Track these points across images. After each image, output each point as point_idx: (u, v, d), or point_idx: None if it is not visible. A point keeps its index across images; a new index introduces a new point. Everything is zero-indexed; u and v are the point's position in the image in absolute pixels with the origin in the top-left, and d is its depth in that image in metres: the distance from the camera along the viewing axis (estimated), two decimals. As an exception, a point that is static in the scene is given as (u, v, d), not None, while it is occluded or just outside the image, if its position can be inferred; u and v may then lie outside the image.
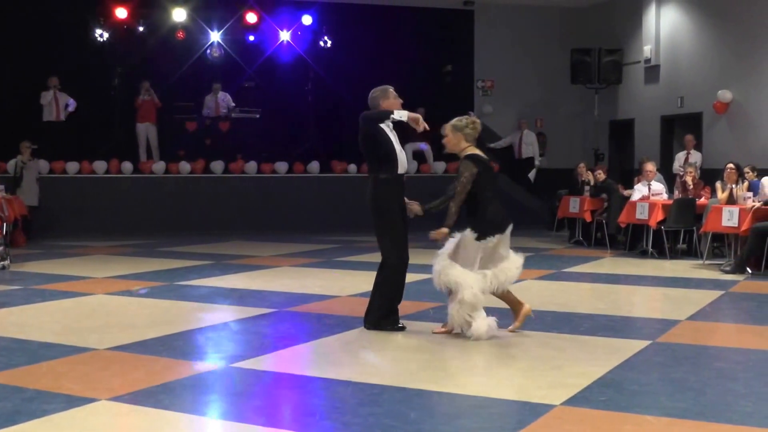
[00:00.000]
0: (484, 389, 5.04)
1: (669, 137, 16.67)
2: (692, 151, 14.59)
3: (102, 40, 16.61)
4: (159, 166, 16.05)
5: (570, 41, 17.96)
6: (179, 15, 16.73)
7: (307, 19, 17.42)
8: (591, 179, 13.74)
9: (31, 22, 16.01)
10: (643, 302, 8.91)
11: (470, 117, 6.64)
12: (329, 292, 8.68)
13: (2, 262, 10.30)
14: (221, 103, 16.97)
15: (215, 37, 17.23)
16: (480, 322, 6.30)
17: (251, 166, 16.38)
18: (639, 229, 12.13)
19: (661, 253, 11.66)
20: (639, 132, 17.44)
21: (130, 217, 15.29)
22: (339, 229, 15.33)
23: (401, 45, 18.00)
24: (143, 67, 16.73)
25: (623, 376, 5.30)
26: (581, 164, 14.57)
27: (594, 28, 18.49)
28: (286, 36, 17.43)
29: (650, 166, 12.35)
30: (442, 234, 6.39)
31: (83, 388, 4.97)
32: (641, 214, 11.68)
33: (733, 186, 10.83)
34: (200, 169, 16.19)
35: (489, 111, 18.48)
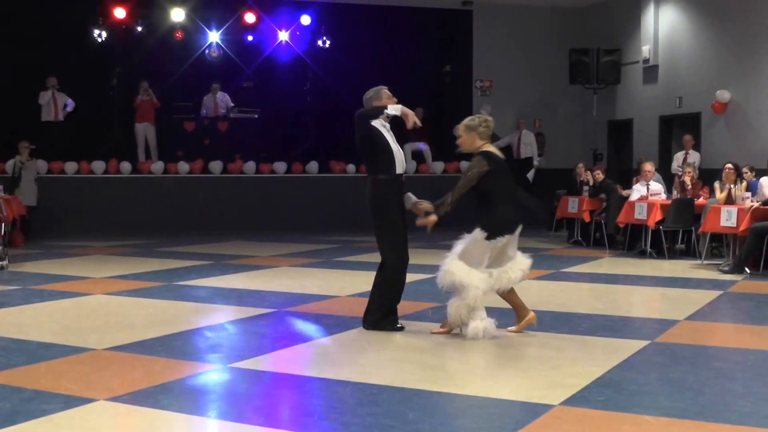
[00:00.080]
0: (483, 389, 5.04)
1: (667, 137, 16.67)
2: (691, 151, 14.60)
3: (101, 40, 16.59)
4: (158, 166, 16.04)
5: (568, 41, 17.94)
6: (178, 15, 16.72)
7: (305, 19, 17.41)
8: (590, 179, 13.75)
9: (30, 22, 15.98)
10: (641, 302, 8.91)
11: (482, 116, 6.62)
12: (328, 292, 8.68)
13: (1, 263, 10.30)
14: (220, 103, 16.97)
15: (214, 37, 17.22)
16: (478, 322, 6.30)
17: (250, 166, 16.37)
18: (638, 229, 12.13)
19: (659, 253, 11.66)
20: (637, 132, 17.44)
21: (129, 217, 15.28)
22: (338, 229, 15.33)
23: (400, 45, 17.98)
24: (142, 67, 16.72)
25: (622, 376, 5.30)
26: (580, 164, 14.57)
27: (592, 28, 18.49)
28: (284, 36, 17.42)
29: (649, 166, 12.34)
30: (430, 222, 6.37)
31: (82, 388, 4.97)
32: (640, 214, 11.68)
33: (732, 186, 10.82)
34: (199, 169, 16.17)
35: (487, 111, 18.46)
